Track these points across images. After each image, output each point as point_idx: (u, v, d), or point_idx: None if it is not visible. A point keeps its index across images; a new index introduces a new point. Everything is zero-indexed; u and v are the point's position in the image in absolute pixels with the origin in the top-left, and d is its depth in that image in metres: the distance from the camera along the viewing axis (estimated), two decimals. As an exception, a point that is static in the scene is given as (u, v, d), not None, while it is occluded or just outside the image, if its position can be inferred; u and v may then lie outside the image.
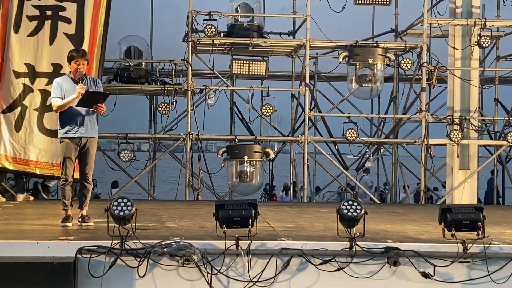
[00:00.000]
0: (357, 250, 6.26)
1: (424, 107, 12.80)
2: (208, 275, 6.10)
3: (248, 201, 6.50)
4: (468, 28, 12.98)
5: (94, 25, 10.57)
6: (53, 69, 10.35)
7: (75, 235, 6.67)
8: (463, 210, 6.67)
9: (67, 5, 10.48)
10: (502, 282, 6.34)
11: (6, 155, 10.18)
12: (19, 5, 10.25)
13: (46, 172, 10.49)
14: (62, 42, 10.44)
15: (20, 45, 10.34)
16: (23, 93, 10.29)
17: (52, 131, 10.15)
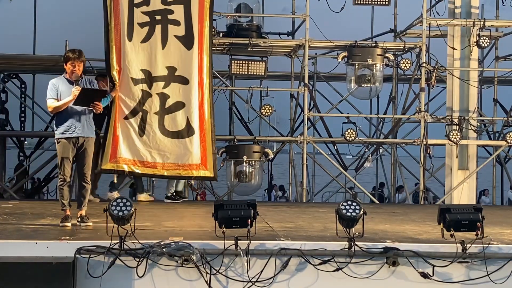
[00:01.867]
0: (356, 250, 6.28)
1: (423, 107, 12.81)
2: (207, 275, 6.11)
3: (247, 201, 6.51)
4: (467, 28, 13.00)
5: (201, 24, 10.62)
6: (168, 72, 10.48)
7: (74, 235, 6.68)
8: (462, 210, 6.68)
9: (174, 8, 10.54)
10: (501, 283, 6.36)
11: (134, 159, 10.30)
12: (129, 13, 10.33)
13: (173, 173, 10.55)
14: (174, 45, 10.53)
15: (135, 52, 10.43)
16: (142, 98, 10.37)
17: (173, 132, 10.40)
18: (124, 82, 10.27)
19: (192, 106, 10.43)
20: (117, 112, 10.22)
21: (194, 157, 10.37)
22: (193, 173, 10.51)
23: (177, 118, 10.38)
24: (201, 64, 10.51)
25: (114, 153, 10.22)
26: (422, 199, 13.17)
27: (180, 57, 10.50)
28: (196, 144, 10.39)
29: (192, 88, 10.45)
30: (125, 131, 10.25)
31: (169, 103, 10.39)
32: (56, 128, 7.63)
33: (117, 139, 10.22)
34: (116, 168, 10.33)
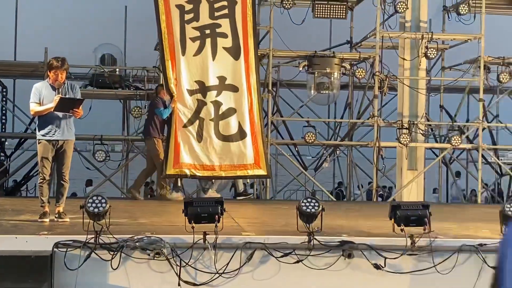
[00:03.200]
0: (315, 244, 6.29)
1: (376, 112, 12.93)
2: (177, 267, 6.07)
3: (215, 198, 6.51)
4: (416, 41, 13.16)
5: (245, 35, 10.69)
6: (219, 81, 10.58)
7: (51, 230, 6.59)
8: (411, 207, 6.75)
9: (221, 22, 10.61)
10: (446, 273, 6.43)
11: (194, 164, 10.35)
12: (181, 30, 10.41)
13: (230, 173, 10.67)
14: (223, 56, 10.60)
15: (189, 65, 10.49)
16: (198, 107, 10.45)
17: (227, 136, 10.53)
18: (181, 94, 10.38)
19: (243, 111, 10.55)
20: (177, 122, 10.34)
21: (248, 157, 10.53)
22: (248, 172, 10.75)
23: (230, 123, 10.50)
24: (248, 72, 10.59)
25: (177, 159, 10.31)
26: (375, 197, 13.29)
27: (229, 67, 10.61)
28: (249, 145, 10.52)
29: (242, 95, 10.56)
30: (185, 139, 10.36)
31: (222, 110, 10.51)
32: (38, 130, 7.52)
33: (178, 146, 10.31)
34: (179, 172, 10.46)
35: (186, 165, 10.32)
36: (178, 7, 10.42)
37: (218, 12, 10.59)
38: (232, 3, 10.64)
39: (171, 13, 10.40)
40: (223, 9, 10.62)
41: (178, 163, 10.30)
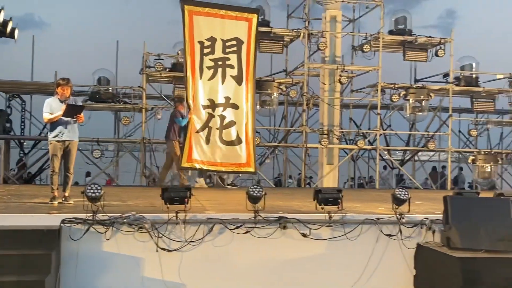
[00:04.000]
0: (259, 219, 6.31)
1: (304, 122, 13.04)
2: (155, 238, 6.01)
3: (184, 186, 6.45)
4: (333, 70, 13.35)
5: (248, 68, 10.71)
6: (225, 100, 10.54)
7: (59, 210, 6.44)
8: (329, 191, 6.84)
9: (230, 56, 10.62)
10: (354, 239, 6.55)
11: (202, 160, 10.34)
12: (201, 60, 10.40)
13: (228, 169, 10.69)
14: (229, 81, 10.57)
15: (204, 86, 10.42)
16: (208, 118, 10.39)
17: (228, 141, 10.48)
18: (196, 107, 10.34)
19: (241, 124, 10.57)
20: (192, 128, 10.33)
21: (242, 158, 10.54)
22: (241, 169, 10.78)
23: (231, 132, 10.49)
24: (247, 95, 10.63)
25: (190, 156, 10.30)
26: (304, 184, 13.39)
27: (234, 90, 10.57)
28: (243, 150, 10.53)
29: (241, 112, 10.58)
30: (197, 141, 10.34)
31: (226, 122, 10.48)
32: (49, 133, 7.33)
33: (191, 146, 10.31)
34: (191, 166, 10.46)
35: (197, 161, 10.36)
36: (199, 43, 10.44)
37: (228, 49, 10.64)
38: (239, 43, 10.70)
39: (194, 47, 10.43)
40: (233, 47, 10.67)
41: (191, 159, 10.32)
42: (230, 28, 10.64)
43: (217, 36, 10.55)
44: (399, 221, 6.60)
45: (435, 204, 8.05)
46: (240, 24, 10.72)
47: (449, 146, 13.86)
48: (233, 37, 10.64)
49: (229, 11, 10.78)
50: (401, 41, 13.68)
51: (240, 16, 10.78)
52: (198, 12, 10.49)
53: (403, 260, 6.52)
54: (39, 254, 5.44)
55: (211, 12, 10.60)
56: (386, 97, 13.83)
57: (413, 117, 14.25)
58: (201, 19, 10.48)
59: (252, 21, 10.78)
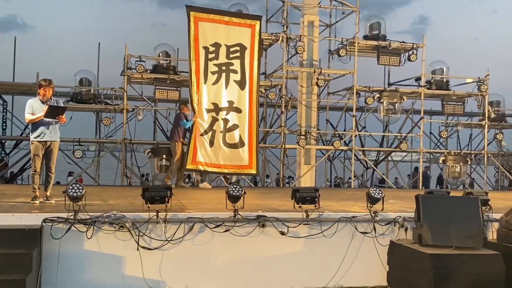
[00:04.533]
0: (239, 218, 6.30)
1: (283, 123, 13.07)
2: (136, 236, 5.95)
3: (165, 186, 6.40)
4: (310, 73, 13.40)
5: (251, 73, 10.82)
6: (229, 104, 10.65)
7: (41, 210, 6.32)
8: (306, 190, 6.88)
9: (234, 62, 10.72)
10: (330, 237, 6.59)
11: (206, 162, 10.45)
12: (205, 65, 10.49)
13: (231, 171, 10.85)
14: (233, 86, 10.69)
15: (208, 91, 10.52)
16: (212, 122, 10.53)
17: (231, 144, 10.60)
18: (201, 111, 10.45)
19: (244, 127, 10.69)
20: (196, 131, 10.42)
21: (244, 161, 10.66)
22: (243, 171, 10.90)
23: (234, 135, 10.60)
24: (250, 100, 10.73)
25: (194, 158, 10.39)
26: (282, 183, 13.42)
27: (237, 94, 10.70)
28: (246, 152, 10.66)
29: (244, 115, 10.70)
30: (201, 144, 10.46)
31: (229, 125, 10.59)
32: (31, 133, 7.20)
33: (196, 149, 10.40)
34: (195, 168, 10.55)
35: (201, 163, 10.46)
36: (204, 48, 10.53)
37: (232, 54, 10.74)
38: (243, 49, 10.77)
39: (199, 52, 10.49)
40: (236, 52, 10.75)
41: (195, 161, 10.42)
42: (234, 34, 10.78)
43: (221, 42, 10.68)
44: (373, 219, 6.66)
45: (407, 203, 8.16)
46: (244, 31, 10.87)
47: (420, 147, 14.06)
48: (237, 43, 10.80)
49: (233, 17, 11.05)
50: (375, 46, 13.82)
51: (244, 22, 10.95)
52: (204, 18, 10.63)
53: (377, 257, 6.59)
54: (21, 253, 5.34)
55: (216, 18, 10.72)
56: (361, 99, 13.93)
57: (387, 119, 14.42)
58: (206, 25, 10.62)
59: (255, 28, 10.95)
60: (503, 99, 15.52)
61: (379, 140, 15.87)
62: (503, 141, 15.18)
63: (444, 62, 14.86)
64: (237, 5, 13.61)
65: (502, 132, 15.17)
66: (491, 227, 7.00)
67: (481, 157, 14.72)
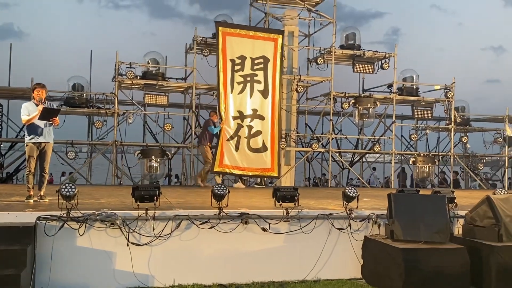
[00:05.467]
0: (223, 215, 6.30)
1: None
2: (126, 233, 5.90)
3: (154, 185, 6.36)
4: (290, 80, 13.43)
5: (273, 83, 11.16)
6: (253, 112, 11.03)
7: (35, 208, 6.23)
8: (286, 189, 6.90)
9: (258, 73, 11.07)
10: (308, 233, 6.62)
11: (232, 165, 10.83)
12: (231, 76, 10.83)
13: (254, 173, 11.20)
14: (257, 95, 11.06)
15: (234, 99, 10.87)
16: (237, 128, 10.89)
17: (255, 149, 10.96)
18: (227, 118, 10.80)
19: (266, 133, 11.05)
20: (223, 136, 10.77)
21: (267, 164, 11.05)
22: (266, 174, 11.25)
23: (257, 140, 10.96)
24: (273, 108, 11.09)
25: (221, 161, 10.75)
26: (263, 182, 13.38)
27: (260, 103, 11.07)
28: (268, 156, 11.05)
29: (267, 122, 11.07)
30: (228, 148, 10.78)
31: (253, 131, 10.94)
32: (26, 135, 7.09)
33: (223, 153, 10.74)
34: (222, 170, 10.88)
35: (227, 166, 10.82)
36: (231, 60, 10.86)
37: (256, 66, 11.10)
38: (266, 61, 11.09)
39: (226, 64, 10.84)
40: (260, 64, 11.08)
41: (222, 164, 10.80)
42: (258, 47, 11.14)
43: (247, 54, 11.04)
44: (349, 216, 6.71)
45: (380, 201, 8.24)
46: (267, 44, 11.23)
47: (392, 149, 14.22)
48: (261, 55, 11.15)
49: (258, 32, 11.32)
50: (350, 55, 13.94)
51: (267, 36, 11.32)
52: (231, 33, 11.04)
53: (352, 251, 6.64)
54: (15, 250, 5.26)
55: (242, 33, 11.12)
56: (337, 105, 14.03)
57: (361, 123, 14.53)
58: (233, 40, 11.01)
59: (277, 41, 11.33)
60: (468, 105, 15.79)
61: (354, 143, 15.99)
62: (467, 144, 15.42)
63: (414, 70, 15.06)
64: (222, 16, 13.61)
65: (467, 135, 15.42)
66: (457, 223, 7.11)
67: (448, 158, 14.94)
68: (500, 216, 6.27)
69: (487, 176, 17.33)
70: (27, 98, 11.18)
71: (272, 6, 13.54)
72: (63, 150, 12.81)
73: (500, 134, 15.46)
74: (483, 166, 15.83)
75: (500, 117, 15.45)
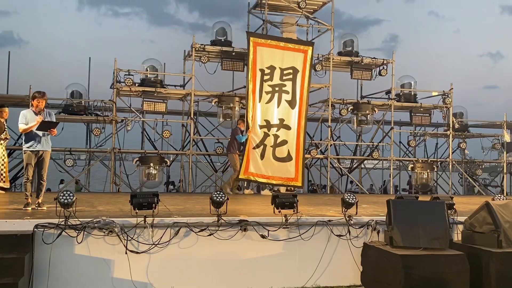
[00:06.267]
0: (222, 222, 6.28)
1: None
2: (125, 240, 5.88)
3: (152, 192, 6.35)
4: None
5: (301, 93, 11.30)
6: (279, 122, 11.14)
7: (33, 216, 6.20)
8: (285, 196, 6.89)
9: (286, 83, 11.18)
10: (308, 240, 6.61)
11: (256, 173, 10.91)
12: (260, 85, 10.98)
13: (278, 182, 11.18)
14: (284, 105, 11.18)
15: (262, 109, 11.01)
16: (264, 137, 10.99)
17: (280, 158, 11.02)
18: (254, 127, 10.99)
19: (292, 143, 11.13)
20: (250, 144, 10.89)
21: (291, 173, 11.10)
22: (289, 183, 11.21)
23: (282, 150, 11.06)
24: (299, 118, 11.22)
25: (247, 169, 10.87)
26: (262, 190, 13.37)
27: (287, 113, 11.23)
28: (292, 166, 11.11)
29: (293, 132, 11.16)
30: (253, 156, 10.88)
31: (278, 141, 11.03)
32: (24, 143, 7.10)
33: (249, 161, 10.86)
34: (247, 178, 11.02)
35: (252, 174, 10.96)
36: (260, 70, 11.02)
37: (285, 76, 11.17)
38: (295, 72, 11.22)
39: (256, 74, 10.99)
40: (289, 75, 11.19)
41: (247, 172, 10.88)
42: (288, 58, 11.26)
43: (276, 65, 11.18)
44: (348, 223, 6.70)
45: (379, 207, 8.23)
46: (297, 55, 11.36)
47: (391, 155, 14.23)
48: (290, 66, 11.29)
49: (288, 43, 11.44)
50: (348, 62, 13.98)
51: (298, 48, 11.48)
52: (262, 43, 11.21)
53: (352, 258, 6.62)
54: (13, 258, 5.24)
55: (273, 44, 11.25)
56: (336, 111, 14.07)
57: (360, 129, 14.55)
58: (264, 50, 11.15)
59: (307, 53, 11.48)
60: (466, 110, 15.83)
61: (353, 149, 15.99)
62: (466, 150, 15.44)
63: (412, 76, 15.10)
64: (220, 23, 13.66)
65: (465, 141, 15.44)
66: (456, 229, 7.10)
67: (447, 164, 14.95)
68: (499, 222, 6.27)
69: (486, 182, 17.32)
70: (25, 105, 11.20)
71: (270, 13, 13.59)
72: (62, 158, 12.79)
73: (498, 140, 15.49)
74: (481, 172, 15.83)
75: (498, 123, 15.48)
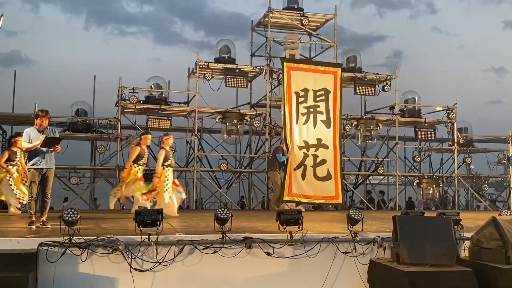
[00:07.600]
0: (226, 239, 6.24)
1: (267, 150, 13.09)
2: (129, 259, 5.85)
3: (156, 209, 6.34)
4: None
5: (334, 112, 11.65)
6: (317, 142, 11.41)
7: (37, 234, 6.21)
8: (290, 212, 6.85)
9: (320, 104, 11.58)
10: (313, 257, 6.54)
11: (299, 194, 11.13)
12: (297, 107, 11.39)
13: (320, 201, 11.49)
14: (320, 125, 11.53)
15: (299, 130, 11.34)
16: (303, 158, 11.25)
17: (320, 177, 11.25)
18: (294, 148, 11.21)
19: (331, 161, 11.39)
20: (290, 165, 11.09)
21: (332, 191, 11.34)
22: (331, 201, 11.49)
23: (322, 169, 11.30)
24: (335, 137, 11.51)
25: (290, 190, 11.11)
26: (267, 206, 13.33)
27: (324, 132, 11.46)
28: (333, 184, 11.37)
29: (331, 151, 11.44)
30: (295, 178, 11.13)
31: (318, 160, 11.30)
32: (28, 161, 7.13)
33: (291, 182, 11.12)
34: (291, 199, 11.15)
35: (296, 195, 11.14)
36: (295, 93, 11.43)
37: (318, 97, 11.55)
38: (327, 93, 11.62)
39: (291, 97, 11.39)
40: (322, 96, 11.59)
41: (291, 193, 11.12)
42: (319, 80, 11.67)
43: (309, 87, 11.57)
44: (354, 239, 6.65)
45: (385, 223, 8.17)
46: (328, 77, 11.80)
47: (396, 170, 14.18)
48: (322, 87, 11.67)
49: (319, 66, 11.93)
50: (352, 77, 14.03)
51: (328, 70, 11.92)
52: (295, 68, 11.69)
53: (358, 275, 6.55)
54: (17, 276, 5.20)
55: (305, 67, 11.78)
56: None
57: (364, 145, 14.54)
58: (297, 74, 11.61)
59: (337, 74, 11.90)
60: (470, 125, 15.80)
61: (358, 165, 15.95)
62: (471, 165, 15.36)
63: (416, 92, 15.14)
64: (224, 41, 13.80)
65: (470, 156, 15.37)
66: (463, 245, 7.03)
67: (452, 179, 14.86)
68: (506, 237, 6.20)
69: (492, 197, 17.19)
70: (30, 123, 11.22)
71: (273, 31, 13.73)
72: (66, 175, 12.82)
73: (503, 154, 15.42)
74: (487, 187, 15.72)
75: (503, 137, 15.44)
